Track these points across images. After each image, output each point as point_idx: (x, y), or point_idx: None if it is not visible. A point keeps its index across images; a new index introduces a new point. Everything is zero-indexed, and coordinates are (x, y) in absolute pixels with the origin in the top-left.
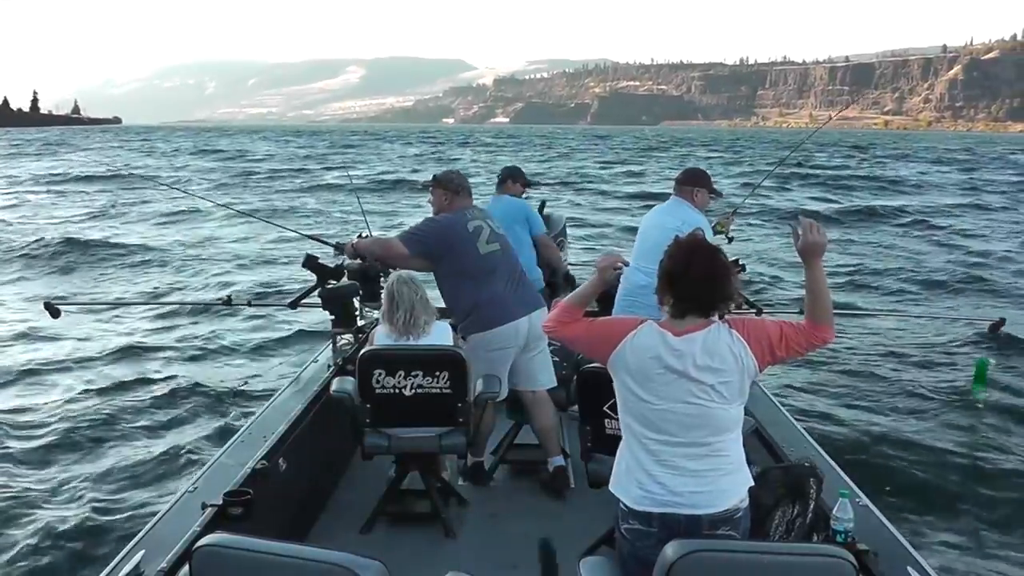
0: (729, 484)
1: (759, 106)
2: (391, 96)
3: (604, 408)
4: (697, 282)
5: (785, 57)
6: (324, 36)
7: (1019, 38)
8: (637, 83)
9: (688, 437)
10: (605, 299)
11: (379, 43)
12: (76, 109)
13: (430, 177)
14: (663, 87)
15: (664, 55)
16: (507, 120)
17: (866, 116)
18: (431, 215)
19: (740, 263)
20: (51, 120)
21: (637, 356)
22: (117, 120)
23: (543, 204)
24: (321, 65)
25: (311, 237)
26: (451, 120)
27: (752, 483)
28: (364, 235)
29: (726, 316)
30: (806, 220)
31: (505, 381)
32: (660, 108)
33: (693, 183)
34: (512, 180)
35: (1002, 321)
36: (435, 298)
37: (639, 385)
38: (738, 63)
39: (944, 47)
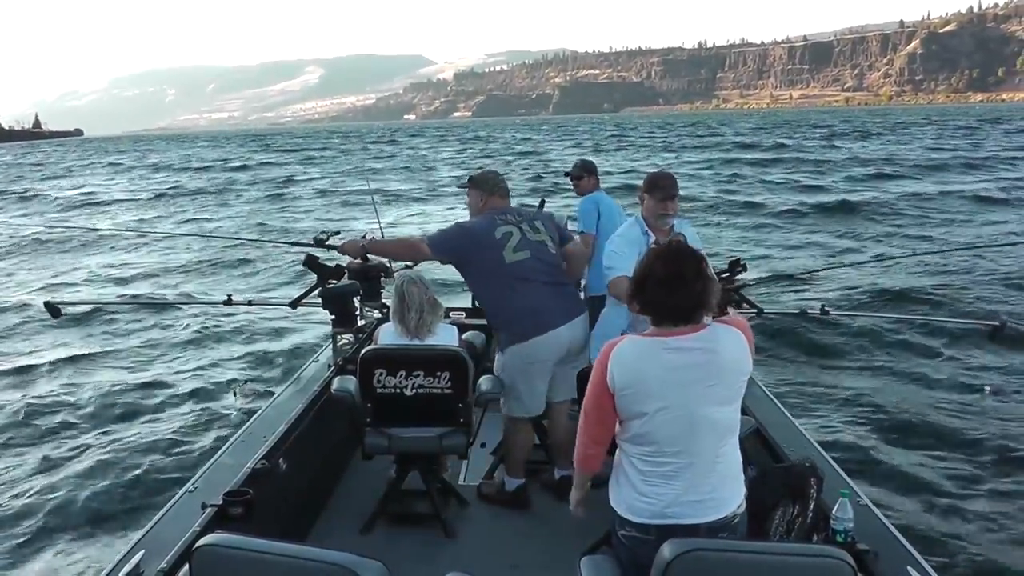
0: (727, 491)
1: (719, 88)
2: (351, 95)
3: None
4: (661, 285)
5: (743, 39)
6: (281, 37)
7: (975, 10)
8: (597, 71)
9: (686, 445)
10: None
11: (337, 42)
12: (37, 123)
13: (466, 178)
14: (623, 74)
15: (622, 42)
16: (469, 114)
17: (827, 94)
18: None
19: (742, 263)
20: (12, 135)
21: (625, 370)
22: (79, 132)
23: (542, 203)
24: (279, 67)
25: (294, 243)
26: (413, 116)
27: (745, 488)
28: (369, 237)
29: (720, 317)
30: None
31: (543, 395)
32: (621, 95)
33: (643, 188)
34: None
35: (1003, 323)
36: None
37: (633, 396)
38: (696, 47)
39: (901, 22)
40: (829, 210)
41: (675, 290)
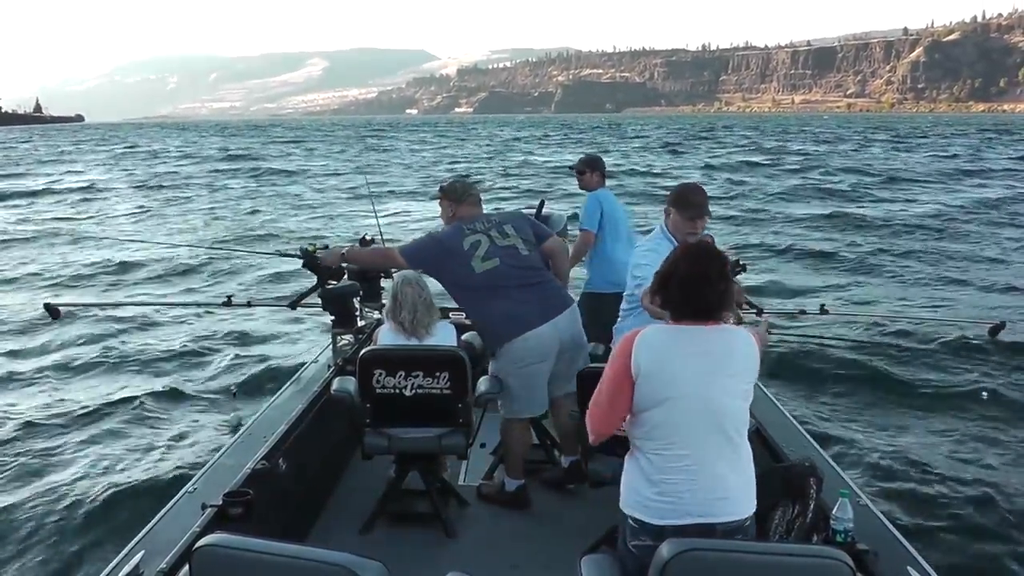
0: (742, 492)
1: (722, 91)
2: (354, 88)
3: None
4: (685, 283)
5: (747, 42)
6: (285, 29)
7: (979, 20)
8: (600, 71)
9: (703, 435)
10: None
11: (341, 35)
12: (38, 107)
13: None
14: (626, 74)
15: (626, 42)
16: (471, 110)
17: (829, 99)
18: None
19: (741, 263)
20: (13, 119)
21: (654, 355)
22: (80, 118)
23: (542, 203)
24: (283, 58)
25: (281, 255)
26: (414, 111)
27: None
28: (368, 237)
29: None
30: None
31: (545, 395)
32: (623, 95)
33: (670, 201)
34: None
35: (1002, 324)
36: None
37: (658, 381)
38: (700, 49)
39: (905, 29)
40: (828, 215)
41: (699, 289)
